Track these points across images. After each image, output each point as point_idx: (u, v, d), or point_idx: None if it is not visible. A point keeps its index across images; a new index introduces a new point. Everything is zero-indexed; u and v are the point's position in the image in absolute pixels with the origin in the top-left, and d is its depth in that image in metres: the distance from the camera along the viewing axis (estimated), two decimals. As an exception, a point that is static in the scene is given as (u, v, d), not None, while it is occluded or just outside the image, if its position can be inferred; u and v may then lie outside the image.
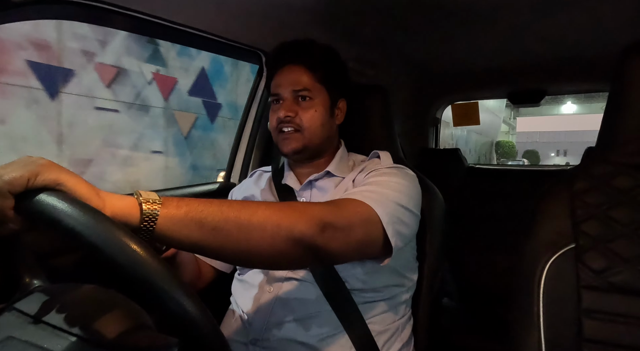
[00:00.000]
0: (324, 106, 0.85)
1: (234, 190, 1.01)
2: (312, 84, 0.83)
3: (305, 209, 0.58)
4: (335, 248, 0.58)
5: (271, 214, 0.52)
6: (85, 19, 0.86)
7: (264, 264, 0.61)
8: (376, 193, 0.68)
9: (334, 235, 0.57)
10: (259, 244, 0.51)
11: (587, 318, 0.63)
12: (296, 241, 0.53)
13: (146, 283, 0.38)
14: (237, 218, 0.50)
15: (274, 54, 0.89)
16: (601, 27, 1.14)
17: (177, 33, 0.96)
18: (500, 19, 1.12)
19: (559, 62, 1.47)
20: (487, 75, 1.69)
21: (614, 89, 0.71)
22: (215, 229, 0.48)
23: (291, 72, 0.83)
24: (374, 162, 0.86)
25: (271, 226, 0.52)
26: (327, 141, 0.88)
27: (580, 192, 0.69)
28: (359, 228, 0.62)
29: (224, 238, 0.49)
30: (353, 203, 0.64)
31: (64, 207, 0.38)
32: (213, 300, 0.75)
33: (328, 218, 0.57)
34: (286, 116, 0.82)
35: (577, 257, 0.65)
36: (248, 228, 0.50)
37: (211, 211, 0.48)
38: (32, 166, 0.39)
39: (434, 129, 2.07)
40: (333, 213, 0.59)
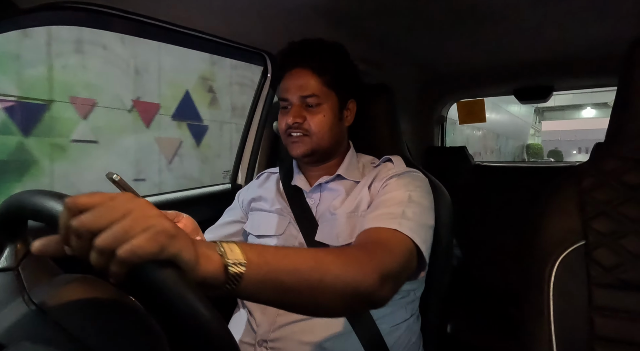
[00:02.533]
0: (332, 110, 0.84)
1: (241, 192, 1.01)
2: (320, 89, 0.82)
3: (369, 260, 0.59)
4: (390, 295, 0.61)
5: (340, 275, 0.54)
6: (92, 24, 0.87)
7: (322, 315, 0.63)
8: (414, 221, 0.71)
9: (393, 286, 0.61)
10: (326, 303, 0.54)
11: (599, 315, 0.62)
12: (361, 298, 0.56)
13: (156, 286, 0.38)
14: (309, 280, 0.51)
15: (282, 56, 0.88)
16: (607, 22, 1.13)
17: (181, 36, 0.97)
18: (505, 16, 1.11)
19: (566, 58, 1.46)
20: (493, 72, 1.68)
21: (622, 84, 0.70)
22: (290, 291, 0.50)
23: (299, 77, 0.83)
24: (386, 167, 0.86)
25: (341, 286, 0.54)
26: (336, 144, 0.88)
27: (589, 188, 0.68)
28: (406, 266, 0.66)
29: (296, 298, 0.51)
30: (397, 240, 0.67)
31: (166, 285, 0.37)
32: (220, 301, 0.75)
33: (387, 268, 0.60)
34: (294, 122, 0.82)
35: (587, 254, 0.65)
36: (319, 290, 0.52)
37: (287, 270, 0.49)
38: (162, 238, 0.36)
39: (440, 127, 2.06)
40: (389, 261, 0.62)
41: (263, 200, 0.92)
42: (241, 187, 1.19)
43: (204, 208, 1.13)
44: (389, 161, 0.88)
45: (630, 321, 0.61)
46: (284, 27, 1.08)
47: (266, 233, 0.86)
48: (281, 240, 0.84)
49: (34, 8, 0.68)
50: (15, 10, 0.65)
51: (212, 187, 1.26)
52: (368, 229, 0.69)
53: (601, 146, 0.75)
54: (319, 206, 0.85)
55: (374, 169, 0.87)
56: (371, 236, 0.68)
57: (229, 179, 1.34)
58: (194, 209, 0.73)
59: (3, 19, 0.67)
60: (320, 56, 0.83)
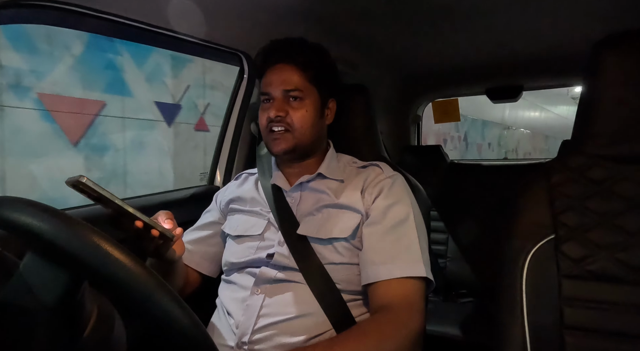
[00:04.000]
0: (315, 106, 0.85)
1: (219, 193, 1.00)
2: (303, 84, 0.83)
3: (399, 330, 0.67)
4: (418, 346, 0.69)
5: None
6: (61, 23, 0.84)
7: None
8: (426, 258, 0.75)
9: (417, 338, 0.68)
10: None
11: (568, 306, 0.65)
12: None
13: (131, 289, 0.37)
14: None
15: (265, 52, 0.88)
16: (574, 24, 1.18)
17: (156, 36, 0.95)
18: (477, 18, 1.14)
19: (535, 58, 1.51)
20: (466, 72, 1.73)
21: (586, 84, 0.73)
22: None
23: (282, 71, 0.83)
24: (375, 171, 0.86)
25: None
26: (317, 141, 0.88)
27: (557, 184, 0.71)
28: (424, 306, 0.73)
29: None
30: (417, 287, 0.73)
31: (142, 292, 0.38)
32: (199, 303, 0.74)
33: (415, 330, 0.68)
34: (277, 115, 0.81)
35: (556, 247, 0.67)
36: None
37: None
38: None
39: (416, 126, 2.10)
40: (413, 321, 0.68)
41: (241, 201, 0.91)
42: (219, 188, 1.18)
43: (182, 210, 1.11)
44: (376, 166, 0.88)
45: (598, 310, 0.64)
46: (260, 27, 1.08)
47: (245, 233, 0.85)
48: (261, 240, 0.83)
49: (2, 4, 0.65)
50: None
51: (190, 189, 1.24)
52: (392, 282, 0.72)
53: (568, 143, 0.78)
54: (299, 205, 0.85)
55: (360, 171, 0.87)
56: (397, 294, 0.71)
57: (206, 180, 1.32)
58: (171, 211, 0.72)
59: None
60: (304, 52, 0.84)
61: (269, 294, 0.76)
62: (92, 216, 0.87)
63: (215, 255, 0.91)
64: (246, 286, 0.79)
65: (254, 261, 0.81)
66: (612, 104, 0.69)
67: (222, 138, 1.29)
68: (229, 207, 0.93)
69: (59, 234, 0.37)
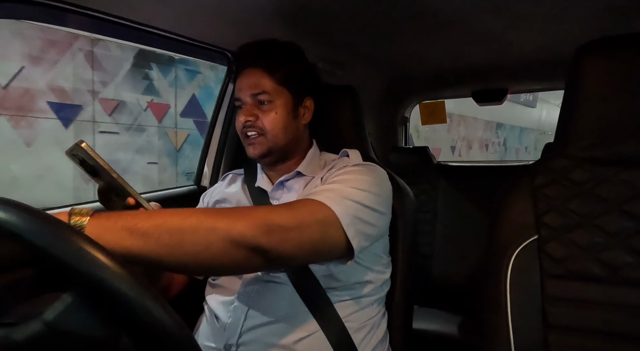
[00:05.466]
0: (285, 107, 0.83)
1: (206, 194, 0.99)
2: (271, 87, 0.82)
3: (248, 211, 0.58)
4: (286, 249, 0.57)
5: (205, 218, 0.52)
6: (43, 18, 0.82)
7: (205, 269, 0.60)
8: (337, 192, 0.67)
9: (283, 236, 0.57)
10: (194, 249, 0.51)
11: (550, 305, 0.67)
12: (235, 243, 0.53)
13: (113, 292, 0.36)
14: (166, 223, 0.50)
15: (236, 58, 0.88)
16: (557, 29, 1.20)
17: (142, 34, 0.94)
18: (463, 22, 1.16)
19: (519, 62, 1.54)
20: (453, 75, 1.75)
21: (568, 87, 0.75)
22: (146, 235, 0.48)
23: (250, 76, 0.83)
24: (343, 161, 0.86)
25: (204, 229, 0.51)
26: (293, 141, 0.87)
27: (540, 186, 0.72)
28: (313, 228, 0.61)
29: (156, 244, 0.48)
30: (309, 204, 0.64)
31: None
32: (185, 306, 0.73)
33: (275, 219, 0.57)
34: (247, 120, 0.82)
35: (539, 248, 0.69)
36: (179, 232, 0.50)
37: (141, 218, 0.49)
38: None
39: (403, 128, 2.11)
40: (281, 214, 0.59)
41: (228, 202, 0.90)
42: (206, 189, 1.17)
43: None
44: (346, 156, 0.88)
45: (579, 309, 0.65)
46: (247, 26, 1.07)
47: None
48: None
49: None
50: None
51: (177, 189, 1.23)
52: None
53: (551, 145, 0.79)
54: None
55: (333, 164, 0.87)
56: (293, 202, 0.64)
57: (193, 180, 1.31)
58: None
59: None
60: (272, 55, 0.83)
61: (255, 295, 0.76)
62: None
63: None
64: (232, 288, 0.79)
65: None
66: (593, 108, 0.70)
67: (210, 138, 1.28)
68: (216, 207, 0.92)
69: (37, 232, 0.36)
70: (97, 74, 3.28)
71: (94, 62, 3.25)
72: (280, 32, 1.07)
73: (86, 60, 3.20)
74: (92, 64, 3.25)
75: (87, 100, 3.24)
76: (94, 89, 3.26)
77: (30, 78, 2.92)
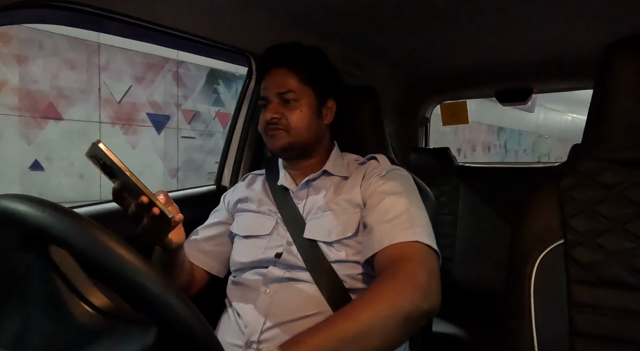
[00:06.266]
0: (310, 106, 0.86)
1: (227, 193, 1.00)
2: (297, 86, 0.84)
3: (397, 285, 0.62)
4: (437, 294, 0.64)
5: (373, 315, 0.57)
6: (71, 22, 0.85)
7: (395, 346, 0.63)
8: (421, 225, 0.73)
9: (431, 290, 0.63)
10: (375, 343, 0.56)
11: (578, 312, 0.64)
12: (407, 320, 0.59)
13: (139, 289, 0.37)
14: (347, 334, 0.54)
15: (261, 59, 0.91)
16: (585, 26, 1.16)
17: (165, 36, 0.96)
18: (486, 20, 1.14)
19: (545, 61, 1.50)
20: (475, 74, 1.71)
21: (597, 87, 0.72)
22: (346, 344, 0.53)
23: (277, 76, 0.85)
24: (371, 165, 0.87)
25: (380, 325, 0.57)
26: (315, 140, 0.89)
27: (567, 188, 0.70)
28: (431, 266, 0.68)
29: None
30: (416, 250, 0.69)
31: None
32: (208, 303, 0.74)
33: (422, 281, 0.63)
34: (272, 117, 0.84)
35: (566, 252, 0.67)
36: (362, 338, 0.55)
37: (324, 339, 0.53)
38: None
39: (423, 128, 2.09)
40: (420, 272, 0.64)
41: (250, 201, 0.91)
42: (226, 188, 1.18)
43: (189, 210, 1.11)
44: (373, 159, 0.89)
45: (609, 317, 0.63)
46: (268, 29, 1.08)
47: (253, 233, 0.86)
48: (269, 240, 0.83)
49: (12, 5, 0.66)
50: None
51: (197, 188, 1.25)
52: (387, 249, 0.70)
53: (579, 147, 0.77)
54: (306, 205, 0.85)
55: (360, 166, 0.89)
56: (391, 256, 0.69)
57: (213, 180, 1.32)
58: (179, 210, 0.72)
59: None
60: (297, 56, 0.86)
61: (278, 293, 0.76)
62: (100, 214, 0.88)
63: (223, 255, 0.92)
64: (254, 286, 0.79)
65: (262, 260, 0.81)
66: (623, 108, 0.68)
67: (230, 138, 1.29)
68: (237, 207, 0.93)
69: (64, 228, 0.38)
70: (181, 90, 4.15)
71: (178, 81, 4.11)
72: (300, 34, 1.07)
73: (173, 79, 4.07)
74: (177, 82, 4.10)
75: (173, 111, 4.09)
76: (178, 102, 4.14)
77: (135, 94, 3.77)
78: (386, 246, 0.70)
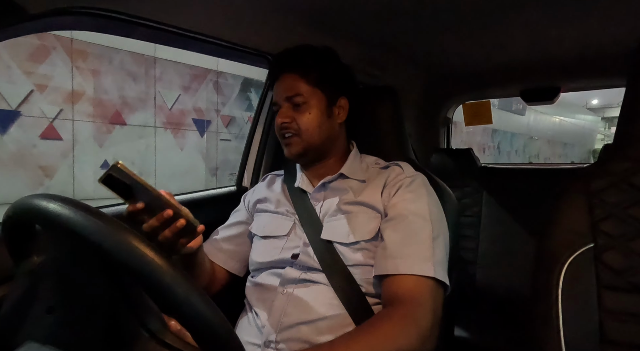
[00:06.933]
0: (319, 107, 0.86)
1: (247, 194, 1.01)
2: (305, 89, 0.85)
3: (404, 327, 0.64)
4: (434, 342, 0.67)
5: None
6: (98, 28, 0.87)
7: None
8: (440, 260, 0.73)
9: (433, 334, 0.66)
10: None
11: (609, 319, 0.62)
12: None
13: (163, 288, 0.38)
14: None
15: (272, 66, 0.93)
16: (619, 22, 1.12)
17: (187, 39, 0.98)
18: (511, 17, 1.11)
19: (574, 57, 1.45)
20: (499, 73, 1.67)
21: (630, 85, 0.69)
22: None
23: (285, 81, 0.87)
24: (395, 171, 0.86)
25: None
26: (328, 141, 0.89)
27: (598, 190, 0.67)
28: (437, 308, 0.70)
29: None
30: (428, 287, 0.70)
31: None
32: (227, 302, 0.75)
33: (424, 327, 0.65)
34: (283, 122, 0.85)
35: (596, 257, 0.64)
36: None
37: None
38: None
39: (445, 129, 2.05)
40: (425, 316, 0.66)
41: (268, 202, 0.92)
42: (247, 189, 1.19)
43: (210, 210, 1.13)
44: (397, 166, 0.88)
45: None
46: (287, 30, 1.09)
47: (271, 233, 0.86)
48: (286, 241, 0.84)
49: (43, 13, 0.69)
50: (24, 15, 0.66)
51: (218, 189, 1.27)
52: (400, 278, 0.71)
53: (610, 147, 0.74)
54: (323, 206, 0.86)
55: (381, 171, 0.88)
56: (403, 289, 0.70)
57: (234, 181, 1.34)
58: (200, 211, 0.73)
59: (12, 25, 0.68)
60: (305, 60, 0.87)
61: (294, 294, 0.77)
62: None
63: (242, 254, 0.93)
64: (272, 286, 0.80)
65: (279, 261, 0.82)
66: None
67: (251, 140, 1.31)
68: (256, 207, 0.94)
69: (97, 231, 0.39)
70: (220, 98, 4.75)
71: (218, 89, 4.69)
72: (319, 35, 1.07)
73: (214, 88, 4.66)
74: (217, 91, 4.68)
75: (213, 116, 4.70)
76: (217, 108, 4.74)
77: (183, 102, 4.39)
78: (402, 273, 0.70)
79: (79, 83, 3.54)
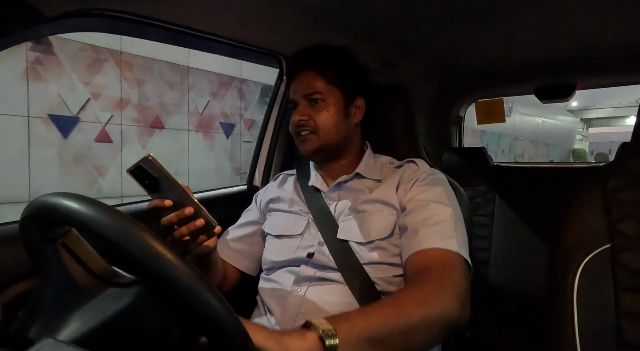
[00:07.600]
0: (337, 106, 0.86)
1: (259, 193, 1.02)
2: (323, 87, 0.85)
3: (443, 290, 0.62)
4: (469, 311, 0.64)
5: (424, 313, 0.58)
6: (112, 30, 0.89)
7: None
8: (462, 239, 0.73)
9: (468, 302, 0.64)
10: (418, 341, 0.58)
11: (627, 321, 0.60)
12: (448, 326, 0.60)
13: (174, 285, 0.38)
14: (397, 327, 0.55)
15: (289, 64, 0.93)
16: (633, 18, 1.09)
17: (199, 40, 0.99)
18: (525, 14, 1.09)
19: (589, 54, 1.41)
20: (512, 71, 1.64)
21: None
22: (384, 342, 0.54)
23: (304, 79, 0.87)
24: (410, 167, 0.87)
25: (427, 325, 0.58)
26: (345, 140, 0.89)
27: (615, 189, 0.66)
28: (468, 282, 0.68)
29: (391, 347, 0.55)
30: (456, 260, 0.69)
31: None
32: (240, 299, 0.75)
33: (461, 292, 0.63)
34: (300, 119, 0.85)
35: (612, 257, 0.63)
36: (409, 333, 0.56)
37: (376, 326, 0.54)
38: None
39: (457, 127, 2.03)
40: (459, 284, 0.65)
41: (281, 201, 0.92)
42: (258, 189, 1.20)
43: (221, 209, 1.14)
44: (412, 163, 0.88)
45: None
46: (298, 29, 1.09)
47: (285, 232, 0.87)
48: (300, 240, 0.84)
49: (58, 16, 0.70)
50: (40, 18, 0.67)
51: (229, 188, 1.27)
52: (427, 251, 0.70)
53: (627, 145, 0.72)
54: (337, 205, 0.86)
55: (396, 170, 0.88)
56: (434, 259, 0.69)
57: (245, 180, 1.35)
58: (211, 209, 0.73)
59: (30, 27, 0.69)
60: (323, 58, 0.87)
61: (309, 292, 0.77)
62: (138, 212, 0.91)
63: (254, 253, 0.93)
64: (286, 284, 0.80)
65: (294, 260, 0.82)
66: None
67: (262, 139, 1.31)
68: (269, 207, 0.95)
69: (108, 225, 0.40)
70: (243, 103, 5.22)
71: (241, 95, 5.16)
72: (331, 34, 1.07)
73: (237, 94, 5.13)
74: (240, 96, 5.15)
75: (237, 120, 5.20)
76: (241, 112, 5.22)
77: (212, 107, 4.84)
78: (426, 248, 0.70)
79: (126, 91, 4.01)
